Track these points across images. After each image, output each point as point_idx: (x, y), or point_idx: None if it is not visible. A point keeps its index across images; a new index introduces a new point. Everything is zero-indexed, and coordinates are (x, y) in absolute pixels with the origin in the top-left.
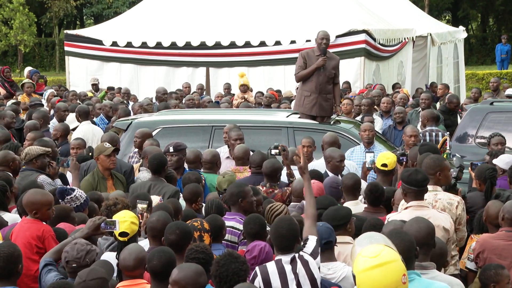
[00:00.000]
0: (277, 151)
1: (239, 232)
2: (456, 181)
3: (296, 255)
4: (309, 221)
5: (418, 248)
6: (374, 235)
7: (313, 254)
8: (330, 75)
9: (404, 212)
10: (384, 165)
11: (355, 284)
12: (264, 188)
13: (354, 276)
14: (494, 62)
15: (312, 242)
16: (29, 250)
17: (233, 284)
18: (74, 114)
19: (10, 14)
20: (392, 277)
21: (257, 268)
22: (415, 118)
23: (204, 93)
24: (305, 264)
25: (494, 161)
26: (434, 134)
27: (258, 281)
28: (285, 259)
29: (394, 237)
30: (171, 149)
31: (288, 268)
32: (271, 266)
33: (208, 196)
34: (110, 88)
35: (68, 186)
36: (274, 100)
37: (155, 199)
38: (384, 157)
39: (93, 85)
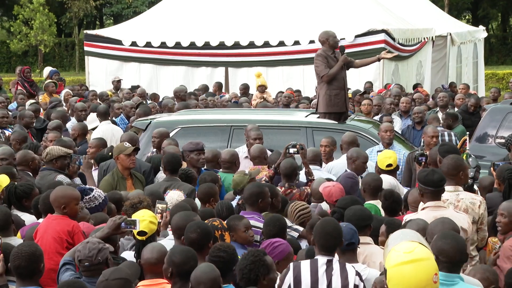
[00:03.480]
0: (295, 150)
1: (260, 230)
2: (474, 182)
3: (335, 259)
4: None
5: None
6: (408, 232)
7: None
8: (345, 70)
9: (422, 212)
10: (389, 165)
11: (385, 279)
12: (283, 188)
13: (385, 270)
14: None
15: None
16: (59, 245)
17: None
18: (93, 114)
19: (31, 14)
20: (424, 275)
21: (291, 264)
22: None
23: (223, 93)
24: (343, 270)
25: None
26: (444, 134)
27: (289, 276)
28: (322, 260)
29: (449, 239)
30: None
31: (322, 270)
32: (305, 265)
33: (226, 196)
34: (135, 87)
35: (87, 186)
36: (292, 99)
37: (175, 194)
38: (386, 157)
39: (113, 81)
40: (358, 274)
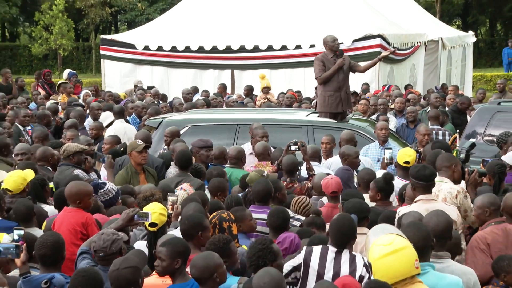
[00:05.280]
0: (296, 147)
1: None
2: (463, 163)
3: (347, 250)
4: None
5: (436, 240)
6: (386, 226)
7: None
8: (346, 73)
9: (414, 205)
10: (407, 162)
11: (371, 272)
12: (285, 183)
13: (370, 265)
14: (501, 65)
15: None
16: (73, 236)
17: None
18: (107, 112)
19: (51, 20)
20: (405, 262)
21: (304, 247)
22: (424, 117)
23: (229, 93)
24: (353, 262)
25: (503, 158)
26: (438, 132)
27: (299, 258)
28: (332, 249)
29: (412, 228)
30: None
31: (331, 256)
32: (316, 249)
33: (233, 190)
34: (150, 88)
35: (100, 180)
36: (294, 100)
37: (186, 187)
38: (406, 154)
39: (140, 87)
40: (366, 265)
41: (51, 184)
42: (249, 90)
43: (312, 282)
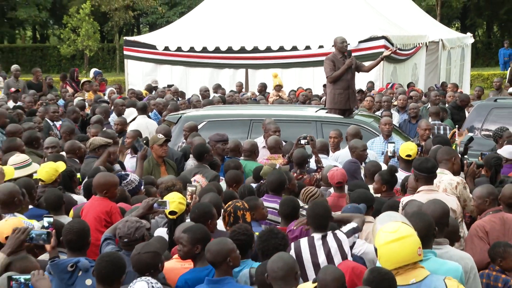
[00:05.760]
0: (306, 141)
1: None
2: (462, 156)
3: (329, 233)
4: (360, 218)
5: (435, 225)
6: (392, 214)
7: (347, 234)
8: (353, 72)
9: (416, 195)
10: (409, 155)
11: (377, 256)
12: (295, 174)
13: (376, 250)
14: (498, 64)
15: (351, 225)
16: (98, 223)
17: None
18: (130, 108)
19: (78, 23)
20: (409, 249)
21: (292, 244)
22: (425, 113)
23: (243, 91)
24: (338, 240)
25: (499, 151)
26: (440, 127)
27: (291, 253)
28: (317, 236)
29: (415, 217)
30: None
31: (318, 243)
32: (303, 242)
33: (246, 180)
34: (170, 86)
35: (123, 172)
36: (308, 98)
37: (198, 178)
38: (408, 148)
39: (154, 87)
40: (347, 234)
41: (78, 175)
42: (262, 87)
43: (310, 272)
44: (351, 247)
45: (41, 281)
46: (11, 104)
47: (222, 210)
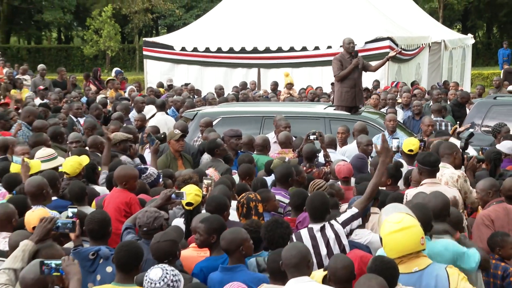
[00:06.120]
0: (315, 136)
1: (285, 204)
2: (463, 151)
3: (326, 223)
4: (362, 197)
5: (436, 217)
6: (398, 205)
7: (343, 224)
8: (360, 71)
9: (420, 187)
10: (410, 150)
11: (382, 245)
12: (304, 168)
13: (381, 239)
14: (497, 64)
15: (348, 214)
16: (118, 213)
17: (279, 245)
18: (150, 105)
19: (100, 25)
20: (412, 239)
21: (293, 234)
22: (427, 110)
23: (256, 89)
24: (335, 231)
25: (498, 146)
26: (441, 124)
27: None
28: (316, 227)
29: (415, 209)
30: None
31: (318, 234)
32: (304, 232)
33: (259, 174)
34: (187, 84)
35: (143, 166)
36: (316, 95)
37: (210, 171)
38: (410, 143)
39: (169, 85)
40: (342, 224)
41: (100, 168)
42: (275, 85)
43: (313, 261)
44: (350, 233)
45: (71, 266)
46: (37, 101)
47: (236, 201)
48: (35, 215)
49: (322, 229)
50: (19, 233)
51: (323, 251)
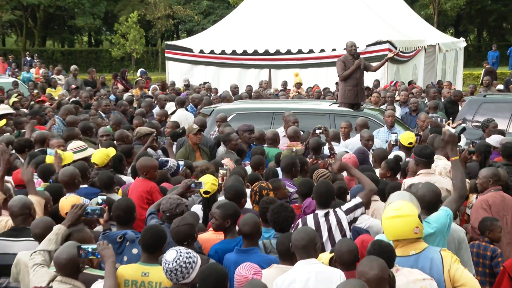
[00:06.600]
0: (320, 131)
1: (290, 193)
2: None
3: (331, 210)
4: (367, 191)
5: (430, 205)
6: (404, 193)
7: (347, 212)
8: (362, 71)
9: (417, 177)
10: (410, 143)
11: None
12: (311, 159)
13: (382, 221)
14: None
15: (352, 203)
16: (141, 201)
17: (283, 227)
18: (172, 102)
19: (126, 30)
20: (406, 227)
21: (300, 219)
22: (423, 107)
23: (267, 88)
24: (337, 218)
25: (487, 140)
26: (437, 119)
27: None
28: (321, 213)
29: (428, 190)
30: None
31: (322, 220)
32: (309, 218)
33: (269, 164)
34: (205, 83)
35: (164, 159)
36: (321, 94)
37: (226, 161)
38: (409, 137)
39: (185, 85)
40: (346, 212)
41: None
42: (285, 85)
43: (320, 244)
44: (354, 221)
45: (106, 250)
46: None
47: (250, 190)
48: (68, 201)
49: (326, 215)
50: (41, 219)
51: (325, 235)
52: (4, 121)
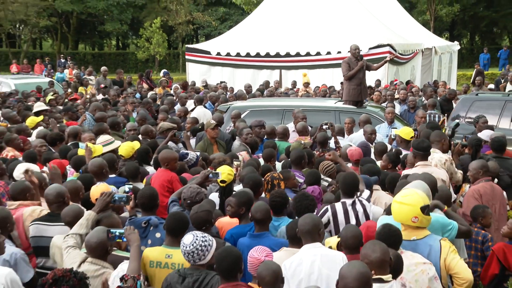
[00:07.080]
0: (327, 126)
1: (300, 183)
2: (450, 138)
3: (357, 199)
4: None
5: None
6: (422, 184)
7: (368, 199)
8: (365, 72)
9: (414, 169)
10: (412, 137)
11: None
12: (318, 152)
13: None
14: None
15: (366, 193)
16: (162, 189)
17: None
18: (191, 100)
19: (150, 34)
20: (404, 215)
21: (328, 206)
22: (420, 105)
23: (278, 87)
24: (363, 206)
25: (479, 134)
26: (435, 116)
27: (328, 215)
28: (348, 202)
29: (440, 190)
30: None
31: (350, 208)
32: (338, 206)
33: (280, 157)
34: (221, 82)
35: (185, 151)
36: (327, 92)
37: (243, 154)
38: (409, 132)
39: (204, 86)
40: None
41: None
42: (294, 84)
43: (324, 230)
44: None
45: (132, 234)
46: (100, 96)
47: (262, 179)
48: (97, 189)
49: (353, 204)
50: (71, 207)
51: (352, 222)
52: (41, 117)
